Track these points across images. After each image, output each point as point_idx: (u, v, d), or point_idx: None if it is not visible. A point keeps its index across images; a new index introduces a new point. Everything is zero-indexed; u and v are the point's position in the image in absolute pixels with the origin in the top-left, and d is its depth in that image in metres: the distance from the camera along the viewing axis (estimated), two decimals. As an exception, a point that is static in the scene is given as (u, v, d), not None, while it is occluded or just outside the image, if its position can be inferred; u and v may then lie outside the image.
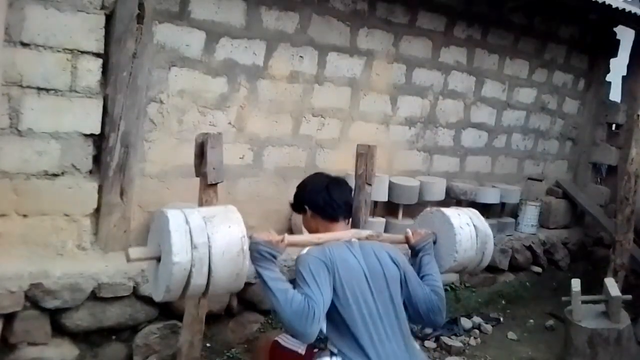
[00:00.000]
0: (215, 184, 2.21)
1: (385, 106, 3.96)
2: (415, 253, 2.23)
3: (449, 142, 4.40)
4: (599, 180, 5.79)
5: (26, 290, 2.39)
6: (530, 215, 4.68)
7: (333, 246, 1.97)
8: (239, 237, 1.78)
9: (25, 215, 2.60)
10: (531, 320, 4.13)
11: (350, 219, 2.22)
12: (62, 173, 2.66)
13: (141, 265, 2.70)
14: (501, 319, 4.07)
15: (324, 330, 1.89)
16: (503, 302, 4.34)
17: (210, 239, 1.73)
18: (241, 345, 3.03)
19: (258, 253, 1.84)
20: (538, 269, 4.72)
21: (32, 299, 2.42)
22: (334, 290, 1.88)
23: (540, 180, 5.13)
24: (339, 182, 2.23)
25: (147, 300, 2.70)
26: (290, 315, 1.77)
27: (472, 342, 3.66)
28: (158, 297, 1.80)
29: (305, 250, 1.98)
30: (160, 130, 3.01)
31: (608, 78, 5.50)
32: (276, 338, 2.14)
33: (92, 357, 2.63)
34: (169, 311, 2.80)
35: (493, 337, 3.81)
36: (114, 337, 2.69)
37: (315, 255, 1.92)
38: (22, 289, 2.38)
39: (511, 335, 3.87)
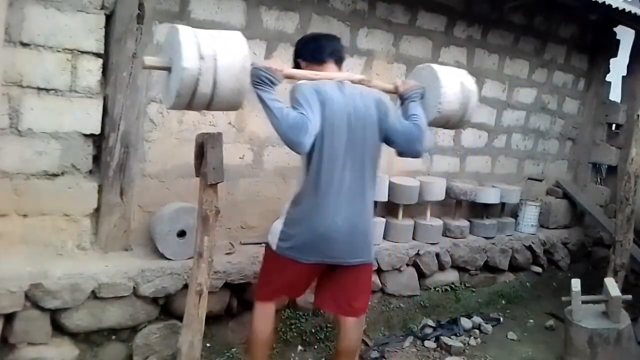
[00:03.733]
0: (215, 184, 2.20)
1: (385, 106, 3.96)
2: (403, 101, 2.46)
3: (449, 142, 4.40)
4: (599, 180, 5.79)
5: (26, 290, 2.39)
6: (530, 215, 4.67)
7: (326, 83, 2.23)
8: (242, 56, 2.00)
9: (25, 215, 2.60)
10: (531, 320, 4.13)
11: (341, 68, 2.49)
12: (62, 173, 2.66)
13: (141, 265, 2.71)
14: (501, 319, 4.07)
15: None
16: (503, 302, 4.34)
17: (216, 53, 1.94)
18: (241, 345, 3.04)
19: (258, 78, 2.07)
20: (538, 269, 4.72)
21: (32, 299, 2.42)
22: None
23: (540, 180, 5.12)
24: (328, 35, 2.57)
25: (147, 300, 2.71)
26: (286, 128, 2.04)
27: (472, 342, 3.67)
28: (169, 104, 2.03)
29: (300, 82, 2.24)
30: (160, 130, 3.01)
31: (608, 78, 5.49)
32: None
33: (92, 357, 2.63)
34: (169, 311, 2.80)
35: (493, 337, 3.81)
36: (114, 337, 2.69)
37: (310, 85, 2.19)
38: (22, 289, 2.38)
39: (511, 335, 3.87)
